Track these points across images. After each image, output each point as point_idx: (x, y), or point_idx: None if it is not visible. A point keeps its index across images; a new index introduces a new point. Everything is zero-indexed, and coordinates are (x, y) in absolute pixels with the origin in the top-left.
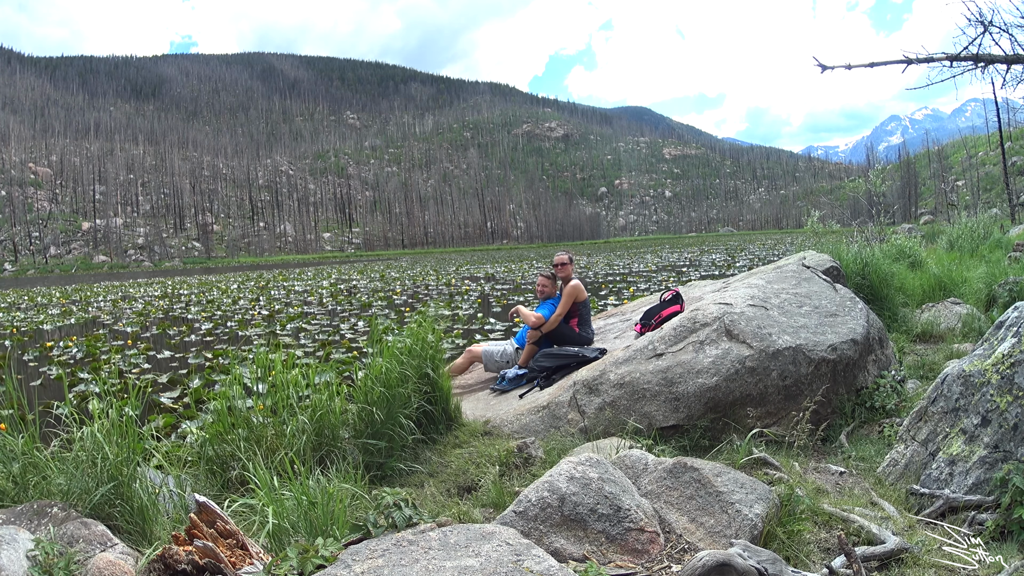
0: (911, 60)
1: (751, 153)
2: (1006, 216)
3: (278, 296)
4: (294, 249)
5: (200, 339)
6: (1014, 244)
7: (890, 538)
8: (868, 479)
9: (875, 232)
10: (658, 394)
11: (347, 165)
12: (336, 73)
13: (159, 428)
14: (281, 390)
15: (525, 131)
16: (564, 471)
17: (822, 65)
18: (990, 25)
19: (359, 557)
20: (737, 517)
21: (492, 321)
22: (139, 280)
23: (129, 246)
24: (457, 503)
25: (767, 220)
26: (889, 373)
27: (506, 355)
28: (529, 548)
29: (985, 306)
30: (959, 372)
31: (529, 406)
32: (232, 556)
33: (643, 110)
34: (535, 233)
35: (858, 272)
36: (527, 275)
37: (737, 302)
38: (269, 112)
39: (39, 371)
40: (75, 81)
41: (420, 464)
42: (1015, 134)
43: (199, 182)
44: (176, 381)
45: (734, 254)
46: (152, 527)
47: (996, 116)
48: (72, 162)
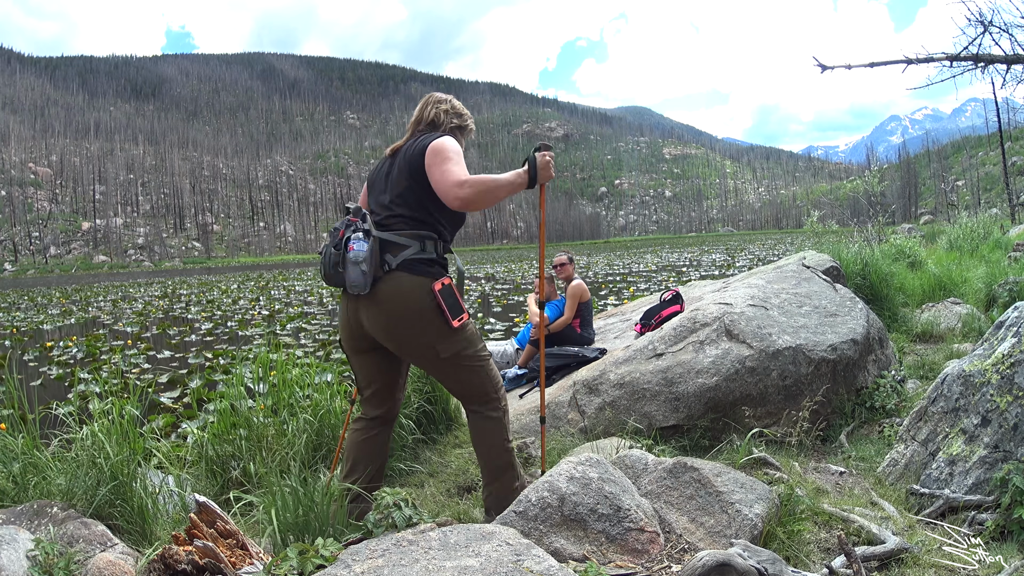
0: (911, 60)
1: (751, 153)
2: (1006, 216)
3: (278, 296)
4: (294, 249)
5: (200, 339)
6: (1014, 244)
7: (890, 538)
8: (868, 479)
9: (875, 232)
10: (658, 394)
11: (347, 165)
12: (336, 73)
13: (159, 428)
14: (282, 390)
15: (525, 131)
16: (564, 471)
17: (822, 65)
18: (990, 25)
19: (359, 557)
20: (737, 517)
21: (492, 321)
22: (139, 280)
23: (129, 246)
24: (457, 503)
25: (767, 220)
26: (889, 373)
27: (506, 355)
28: (529, 548)
29: (985, 306)
30: (959, 372)
31: (529, 406)
32: (232, 556)
33: (643, 110)
34: (535, 233)
35: (858, 272)
36: (527, 275)
37: (737, 302)
38: (269, 112)
39: (39, 371)
40: (75, 81)
41: (420, 464)
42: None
43: (199, 182)
44: (176, 381)
45: (734, 254)
46: (152, 527)
47: (996, 116)
48: (72, 162)
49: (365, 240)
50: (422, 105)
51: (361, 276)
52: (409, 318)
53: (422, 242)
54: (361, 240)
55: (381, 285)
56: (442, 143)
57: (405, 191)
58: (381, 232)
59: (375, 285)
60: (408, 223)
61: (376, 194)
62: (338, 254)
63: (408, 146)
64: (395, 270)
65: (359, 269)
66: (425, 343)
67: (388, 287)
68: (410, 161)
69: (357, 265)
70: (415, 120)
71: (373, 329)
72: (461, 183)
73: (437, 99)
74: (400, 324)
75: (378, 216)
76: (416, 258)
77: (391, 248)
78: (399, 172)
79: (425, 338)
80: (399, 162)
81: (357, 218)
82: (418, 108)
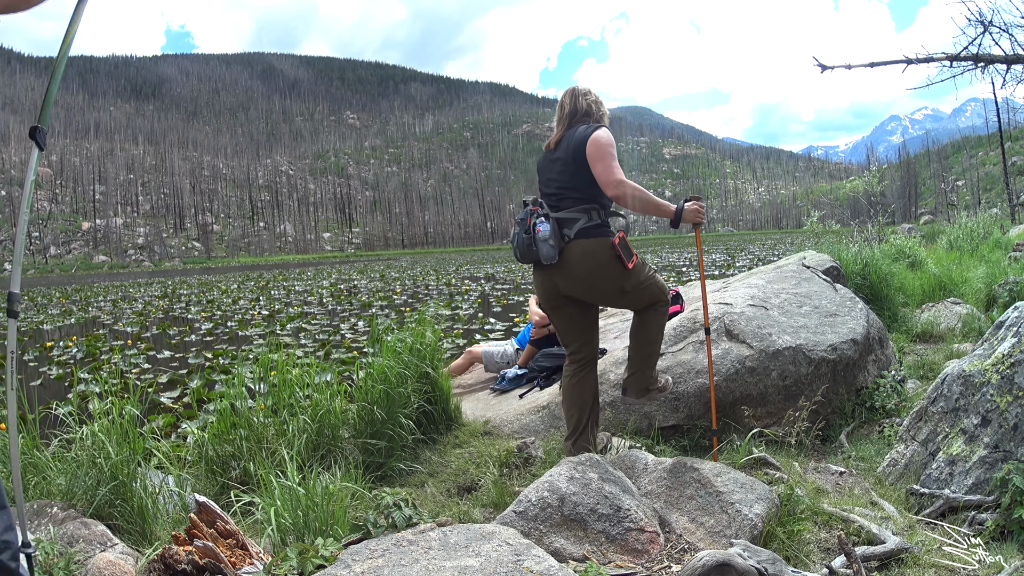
0: (911, 60)
1: (751, 153)
2: (1006, 216)
3: (278, 296)
4: (294, 249)
5: (200, 339)
6: (1014, 244)
7: (890, 538)
8: (868, 479)
9: (875, 232)
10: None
11: (347, 165)
12: (336, 73)
13: (159, 428)
14: (282, 390)
15: (525, 131)
16: (564, 471)
17: (822, 65)
18: (990, 25)
19: (359, 557)
20: (737, 517)
21: (492, 321)
22: (139, 280)
23: (129, 246)
24: (457, 503)
25: (767, 220)
26: (889, 373)
27: (506, 355)
28: (529, 548)
29: (985, 306)
30: (959, 372)
31: (529, 406)
32: (232, 556)
33: (643, 110)
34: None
35: (858, 272)
36: (527, 275)
37: (737, 302)
38: (269, 112)
39: (39, 371)
40: (75, 81)
41: (420, 464)
42: (1015, 134)
43: (199, 182)
44: (176, 381)
45: (734, 254)
46: (152, 527)
47: (996, 116)
48: (72, 162)
49: (547, 221)
50: (571, 98)
51: (551, 249)
52: (596, 272)
53: (588, 214)
54: (543, 222)
55: (566, 253)
56: (603, 137)
57: (571, 176)
58: (555, 212)
59: (562, 255)
60: (575, 201)
61: (546, 181)
62: (528, 237)
63: (569, 136)
64: (574, 239)
65: (547, 245)
66: (612, 286)
67: (572, 253)
68: (574, 150)
69: (545, 242)
70: (569, 112)
71: (567, 288)
72: (619, 183)
73: (583, 91)
74: (589, 278)
75: (551, 199)
76: (587, 227)
77: (566, 223)
78: (564, 160)
79: (611, 283)
80: (562, 152)
81: (536, 206)
82: (567, 101)
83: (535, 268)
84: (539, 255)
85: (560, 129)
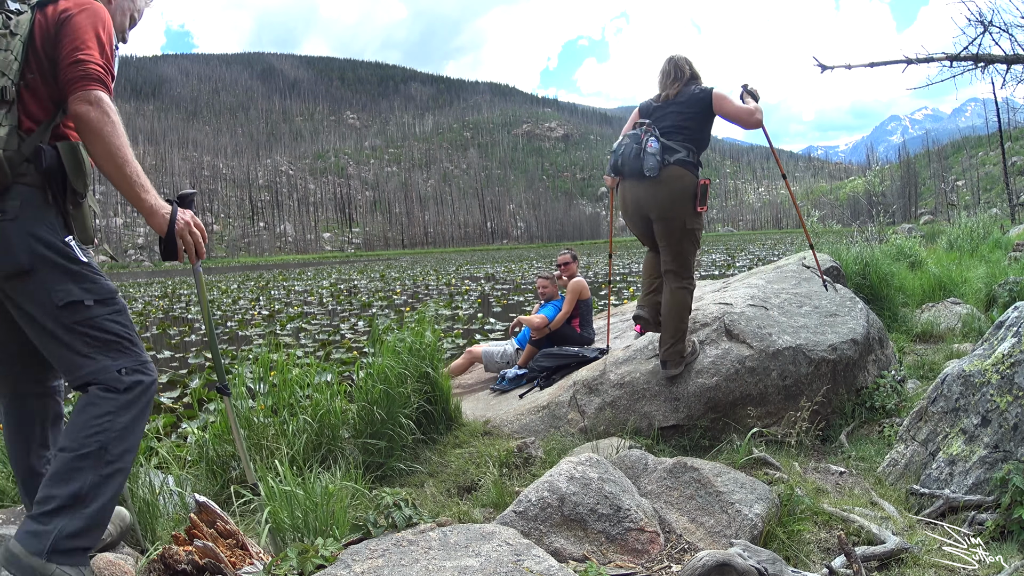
0: (911, 60)
1: (751, 153)
2: (1006, 216)
3: (278, 296)
4: (294, 249)
5: (200, 339)
6: (1014, 244)
7: (890, 538)
8: (868, 479)
9: (875, 232)
10: (658, 394)
11: (347, 165)
12: (336, 73)
13: (159, 428)
14: (282, 390)
15: (525, 131)
16: (564, 471)
17: (822, 65)
18: (990, 25)
19: (359, 557)
20: (737, 517)
21: (492, 321)
22: (139, 280)
23: (129, 246)
24: (457, 503)
25: (767, 220)
26: (889, 373)
27: (506, 356)
28: (529, 548)
29: (985, 306)
30: (959, 372)
31: (529, 406)
32: (232, 556)
33: None
34: (535, 233)
35: (858, 272)
36: (527, 275)
37: (737, 302)
38: (269, 112)
39: None
40: None
41: (420, 464)
42: (1015, 134)
43: (199, 182)
44: (176, 381)
45: (734, 254)
46: (152, 527)
47: (996, 116)
48: None
49: (657, 142)
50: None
51: (656, 163)
52: (678, 197)
53: (688, 150)
54: (655, 140)
55: (663, 173)
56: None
57: (688, 119)
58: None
59: (659, 172)
60: (684, 139)
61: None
62: (639, 147)
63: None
64: (672, 164)
65: (655, 158)
66: (679, 215)
67: (668, 174)
68: (698, 101)
69: (653, 155)
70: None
71: (648, 205)
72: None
73: (684, 58)
74: (669, 199)
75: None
76: (685, 160)
77: (669, 151)
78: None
79: (681, 212)
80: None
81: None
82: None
83: (623, 182)
84: (643, 165)
85: (677, 85)
